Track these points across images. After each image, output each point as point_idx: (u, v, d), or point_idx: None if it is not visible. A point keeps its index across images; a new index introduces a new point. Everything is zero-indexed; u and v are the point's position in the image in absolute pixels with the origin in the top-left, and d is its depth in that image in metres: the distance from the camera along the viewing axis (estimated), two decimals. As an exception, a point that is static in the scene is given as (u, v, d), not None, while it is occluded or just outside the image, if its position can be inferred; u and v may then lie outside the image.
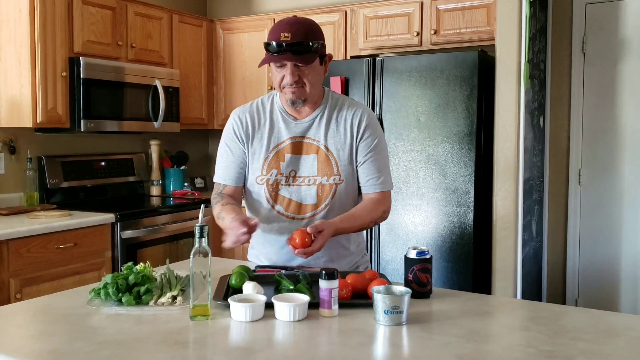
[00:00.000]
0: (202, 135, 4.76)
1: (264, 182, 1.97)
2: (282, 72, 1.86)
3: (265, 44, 1.85)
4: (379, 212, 1.97)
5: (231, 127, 2.01)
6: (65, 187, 3.68)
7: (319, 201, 1.95)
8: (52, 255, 2.98)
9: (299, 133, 1.96)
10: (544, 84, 3.63)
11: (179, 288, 1.68)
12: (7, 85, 3.31)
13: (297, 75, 1.85)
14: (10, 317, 1.55)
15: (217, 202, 1.98)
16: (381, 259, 3.41)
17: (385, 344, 1.38)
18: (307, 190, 1.95)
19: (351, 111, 1.97)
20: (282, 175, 1.95)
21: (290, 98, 1.88)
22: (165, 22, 4.05)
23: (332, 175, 1.94)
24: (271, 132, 1.97)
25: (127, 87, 3.68)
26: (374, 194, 1.97)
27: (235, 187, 2.02)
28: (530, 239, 3.42)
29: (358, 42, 3.86)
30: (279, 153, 1.95)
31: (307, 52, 1.82)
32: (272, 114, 1.99)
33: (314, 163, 1.95)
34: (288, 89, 1.87)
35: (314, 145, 1.95)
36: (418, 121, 3.29)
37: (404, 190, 3.34)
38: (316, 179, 1.94)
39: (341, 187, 1.95)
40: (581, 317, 1.54)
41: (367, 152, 1.95)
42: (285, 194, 1.96)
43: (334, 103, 1.98)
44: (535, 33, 3.34)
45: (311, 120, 1.96)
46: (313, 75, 1.88)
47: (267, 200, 1.98)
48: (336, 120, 1.96)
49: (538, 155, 3.57)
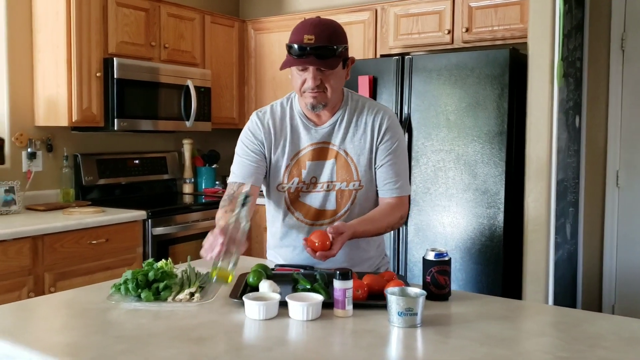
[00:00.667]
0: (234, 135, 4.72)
1: (285, 190, 1.95)
2: (304, 75, 1.82)
3: (288, 46, 1.82)
4: (396, 217, 1.91)
5: (250, 130, 1.97)
6: (100, 184, 3.76)
7: (338, 207, 1.93)
8: (85, 250, 3.05)
9: (319, 139, 1.93)
10: (580, 83, 3.54)
11: (197, 285, 1.70)
12: (44, 86, 3.41)
13: (320, 79, 1.80)
14: (35, 310, 1.59)
15: (222, 207, 1.88)
16: (408, 260, 3.38)
17: (396, 346, 1.36)
18: (325, 196, 1.93)
19: (372, 114, 1.93)
20: (304, 183, 1.93)
21: (310, 102, 1.84)
22: (198, 22, 4.10)
23: (351, 181, 1.92)
24: (292, 140, 1.93)
25: (160, 87, 3.74)
26: (391, 198, 1.93)
27: (253, 188, 1.93)
28: (564, 241, 3.34)
29: (388, 41, 3.83)
30: (299, 161, 1.93)
31: (331, 56, 1.78)
32: (292, 120, 1.95)
33: (333, 168, 1.92)
34: (309, 93, 1.82)
35: (334, 151, 1.92)
36: (447, 120, 3.25)
37: (433, 190, 3.30)
38: (335, 185, 1.92)
39: (361, 192, 1.93)
40: (604, 323, 1.50)
41: (386, 155, 1.91)
42: (305, 201, 1.94)
43: (354, 106, 1.95)
44: (571, 30, 3.26)
45: (331, 125, 1.92)
46: (335, 79, 1.84)
47: (287, 207, 1.97)
48: (356, 124, 1.92)
49: (573, 156, 3.48)
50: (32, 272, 2.82)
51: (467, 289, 3.21)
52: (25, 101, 3.43)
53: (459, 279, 3.23)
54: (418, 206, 3.35)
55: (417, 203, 3.34)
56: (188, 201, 4.03)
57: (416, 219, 3.35)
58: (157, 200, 3.93)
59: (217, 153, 4.49)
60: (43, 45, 3.39)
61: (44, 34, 3.38)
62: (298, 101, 1.95)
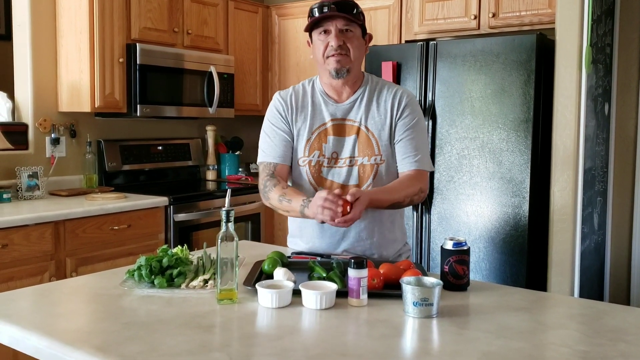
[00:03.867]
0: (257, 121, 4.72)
1: (306, 163, 1.96)
2: (327, 39, 1.88)
3: (310, 11, 1.90)
4: (415, 188, 1.90)
5: (275, 108, 2.01)
6: (124, 170, 3.78)
7: (360, 182, 1.94)
8: (107, 236, 3.07)
9: (340, 115, 1.96)
10: (609, 69, 3.43)
11: (211, 272, 1.69)
12: (67, 71, 3.42)
13: (342, 40, 1.86)
14: (47, 295, 1.60)
15: (275, 185, 1.90)
16: (432, 249, 3.33)
17: (410, 336, 1.33)
18: (348, 171, 1.94)
19: (391, 92, 1.97)
20: (324, 157, 1.95)
21: (334, 67, 1.88)
22: (221, 8, 4.08)
23: (372, 156, 1.93)
24: (313, 114, 1.97)
25: (183, 73, 3.73)
26: (410, 171, 1.93)
27: (285, 166, 1.97)
28: (591, 232, 3.25)
29: (413, 26, 3.76)
30: (320, 134, 1.95)
31: (352, 12, 1.86)
32: (313, 96, 1.99)
33: (355, 144, 1.94)
34: (332, 57, 1.87)
35: (355, 127, 1.94)
36: (472, 107, 3.18)
37: (457, 179, 3.24)
38: (357, 160, 1.93)
39: (382, 167, 1.94)
40: (627, 316, 1.44)
41: (405, 130, 1.94)
42: (328, 176, 1.95)
43: (374, 85, 1.99)
44: (601, 15, 3.15)
45: (352, 102, 1.96)
46: (357, 43, 1.90)
47: (310, 182, 1.97)
48: (377, 102, 1.96)
49: (602, 144, 3.38)
50: (54, 257, 2.85)
51: (490, 279, 3.15)
52: (48, 87, 3.45)
53: (482, 268, 3.18)
54: (441, 195, 3.29)
55: (441, 191, 3.29)
56: (211, 188, 4.03)
57: (439, 208, 3.29)
58: (180, 186, 3.94)
59: (240, 140, 4.49)
60: (66, 31, 3.40)
61: (67, 19, 3.40)
62: (320, 77, 2.00)
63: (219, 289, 1.49)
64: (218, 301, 1.49)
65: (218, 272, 1.49)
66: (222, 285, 1.49)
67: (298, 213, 1.84)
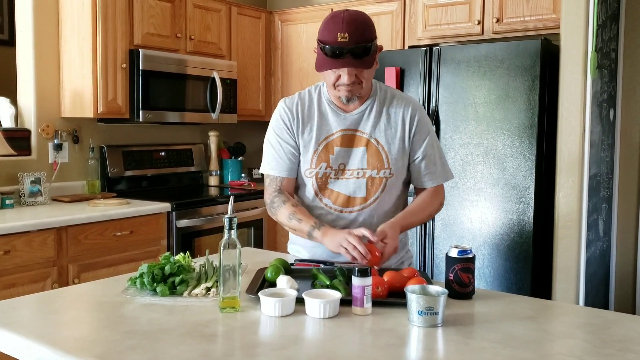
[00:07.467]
0: (260, 127, 4.74)
1: (313, 175, 1.93)
2: (338, 72, 1.80)
3: (320, 45, 1.78)
4: (435, 205, 2.01)
5: (280, 118, 1.98)
6: (127, 176, 3.78)
7: (368, 194, 1.92)
8: (109, 242, 3.06)
9: (348, 126, 1.92)
10: (614, 75, 3.41)
11: (214, 279, 1.67)
12: (70, 77, 3.42)
13: (354, 75, 1.80)
14: (48, 303, 1.58)
15: (284, 202, 1.91)
16: (435, 256, 3.31)
17: (414, 346, 1.31)
18: (356, 183, 1.92)
19: (402, 105, 1.94)
20: (332, 169, 1.92)
21: (345, 96, 1.84)
22: (224, 14, 4.07)
23: (382, 169, 1.91)
24: (320, 125, 1.93)
25: (186, 78, 3.73)
26: (430, 187, 1.99)
27: (292, 180, 1.97)
28: (596, 238, 3.23)
29: (417, 32, 3.75)
30: (328, 146, 1.92)
31: (367, 54, 1.78)
32: (320, 105, 1.95)
33: (364, 156, 1.91)
34: (344, 87, 1.82)
35: (364, 138, 1.91)
36: (476, 113, 3.17)
37: (460, 185, 3.22)
38: (365, 172, 1.91)
39: (391, 180, 1.92)
40: (635, 326, 1.42)
41: (421, 148, 1.94)
42: (334, 188, 1.93)
43: (383, 95, 1.95)
44: (606, 20, 3.13)
45: (361, 113, 1.92)
46: (369, 72, 1.85)
47: (315, 193, 1.95)
48: (387, 113, 1.92)
49: (607, 150, 3.36)
50: (56, 263, 2.84)
51: (494, 286, 3.13)
52: (51, 92, 3.45)
53: (486, 275, 3.15)
54: (445, 201, 3.25)
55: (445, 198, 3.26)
56: (213, 193, 4.02)
57: (443, 214, 3.27)
58: (183, 192, 3.93)
59: (243, 145, 4.47)
60: (69, 37, 3.40)
61: (70, 25, 3.39)
62: (327, 90, 1.94)
63: (221, 297, 1.48)
64: (220, 309, 1.47)
65: (220, 280, 1.47)
66: (224, 293, 1.47)
67: (305, 235, 1.85)
